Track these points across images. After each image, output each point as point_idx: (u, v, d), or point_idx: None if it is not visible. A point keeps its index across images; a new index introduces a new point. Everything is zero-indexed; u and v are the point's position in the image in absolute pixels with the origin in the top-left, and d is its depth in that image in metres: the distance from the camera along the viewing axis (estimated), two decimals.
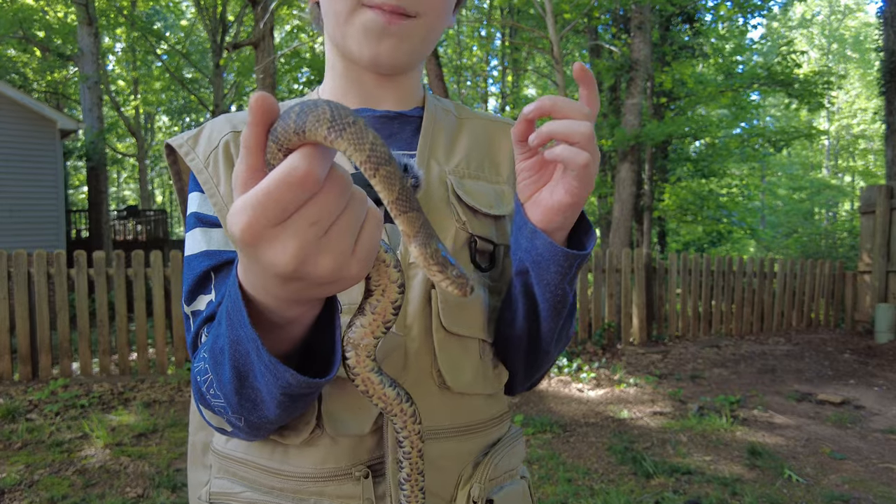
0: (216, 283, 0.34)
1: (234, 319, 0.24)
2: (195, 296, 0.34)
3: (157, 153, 13.51)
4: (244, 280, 0.23)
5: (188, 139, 0.37)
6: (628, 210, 5.04)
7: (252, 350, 0.24)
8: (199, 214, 0.36)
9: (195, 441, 0.39)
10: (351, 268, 0.21)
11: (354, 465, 0.33)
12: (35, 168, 5.45)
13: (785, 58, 6.21)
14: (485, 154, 0.40)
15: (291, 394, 0.25)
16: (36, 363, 2.74)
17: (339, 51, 0.38)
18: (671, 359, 3.40)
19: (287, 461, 0.34)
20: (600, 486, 1.69)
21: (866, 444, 2.06)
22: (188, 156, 0.36)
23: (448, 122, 0.40)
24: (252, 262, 0.21)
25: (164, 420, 2.24)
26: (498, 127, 0.42)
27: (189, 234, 0.36)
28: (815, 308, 4.35)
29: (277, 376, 0.24)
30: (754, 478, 1.75)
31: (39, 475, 1.73)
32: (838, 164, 15.34)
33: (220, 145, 0.36)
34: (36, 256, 2.71)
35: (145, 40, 8.87)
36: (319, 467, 0.33)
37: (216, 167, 0.36)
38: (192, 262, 0.35)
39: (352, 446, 0.33)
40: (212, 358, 0.28)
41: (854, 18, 16.51)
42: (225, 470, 0.36)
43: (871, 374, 3.16)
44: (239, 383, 0.26)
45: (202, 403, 0.31)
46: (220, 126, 0.38)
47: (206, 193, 0.36)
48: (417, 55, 0.37)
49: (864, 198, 4.28)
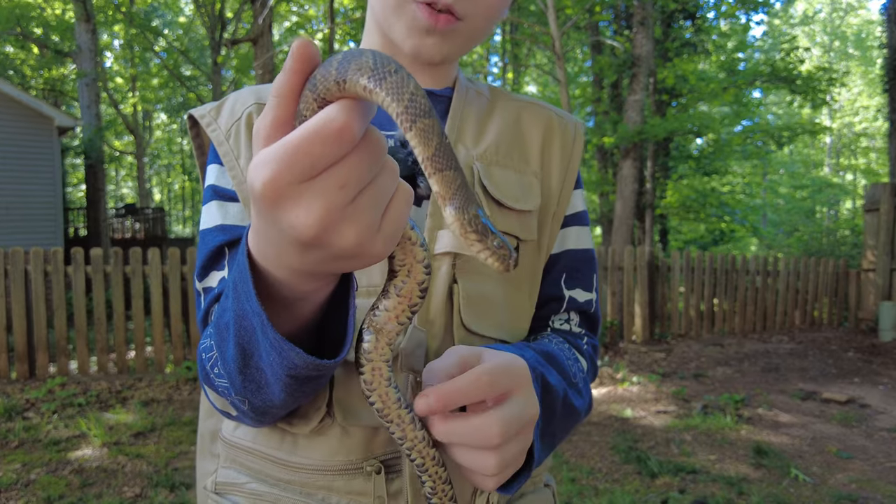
0: (230, 259, 0.33)
1: (241, 292, 0.23)
2: (208, 271, 0.33)
3: (156, 150, 13.45)
4: (255, 247, 0.21)
5: (210, 110, 0.36)
6: (630, 207, 5.02)
7: (258, 325, 0.22)
8: (217, 187, 0.35)
9: (204, 429, 0.37)
10: (375, 243, 0.19)
11: (366, 460, 0.31)
12: (32, 165, 5.42)
13: (788, 54, 6.19)
14: (514, 140, 0.38)
15: (297, 376, 0.23)
16: (33, 361, 2.73)
17: (383, 34, 0.37)
18: (674, 357, 3.39)
19: (295, 452, 0.32)
20: (605, 486, 1.67)
21: (872, 443, 2.04)
22: (209, 126, 0.35)
23: (479, 105, 0.38)
24: (269, 223, 0.19)
25: (163, 419, 2.22)
26: (531, 110, 0.39)
27: (205, 206, 0.35)
28: (819, 306, 4.33)
29: (283, 355, 0.22)
30: (760, 477, 1.74)
31: (36, 474, 1.71)
32: (840, 162, 15.31)
33: (244, 117, 0.35)
34: (33, 254, 2.69)
35: (143, 37, 8.83)
36: (329, 460, 0.31)
37: (237, 139, 0.35)
38: (206, 237, 0.34)
39: (364, 439, 0.31)
40: (217, 334, 0.26)
41: (856, 16, 16.45)
42: (232, 459, 0.35)
43: (876, 372, 3.14)
44: (243, 362, 0.25)
45: (207, 383, 0.29)
46: (244, 97, 0.36)
47: (226, 166, 0.34)
48: (459, 53, 0.36)
49: (869, 195, 4.26)
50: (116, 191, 15.14)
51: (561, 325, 0.39)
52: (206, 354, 0.28)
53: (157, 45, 9.35)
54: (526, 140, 0.38)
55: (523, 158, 0.38)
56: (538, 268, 0.37)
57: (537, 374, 0.29)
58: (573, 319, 0.39)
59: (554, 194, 0.38)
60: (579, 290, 0.39)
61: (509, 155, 0.37)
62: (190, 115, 0.36)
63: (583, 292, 0.39)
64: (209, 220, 0.34)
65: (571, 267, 0.39)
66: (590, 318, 0.40)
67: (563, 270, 0.39)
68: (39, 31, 7.62)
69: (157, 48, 9.31)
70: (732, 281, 3.99)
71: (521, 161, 0.37)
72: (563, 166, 0.38)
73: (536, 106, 0.40)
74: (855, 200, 12.23)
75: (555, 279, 0.38)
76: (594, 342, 0.40)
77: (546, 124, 0.39)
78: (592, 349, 0.39)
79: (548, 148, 0.38)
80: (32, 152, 5.40)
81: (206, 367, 0.28)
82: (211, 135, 0.35)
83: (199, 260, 0.34)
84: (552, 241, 0.38)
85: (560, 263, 0.39)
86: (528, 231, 0.36)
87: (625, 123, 5.15)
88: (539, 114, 0.39)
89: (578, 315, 0.39)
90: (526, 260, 0.36)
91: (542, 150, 0.38)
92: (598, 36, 6.84)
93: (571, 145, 0.39)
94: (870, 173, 12.22)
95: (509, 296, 0.36)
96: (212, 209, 0.34)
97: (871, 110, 13.57)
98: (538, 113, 0.39)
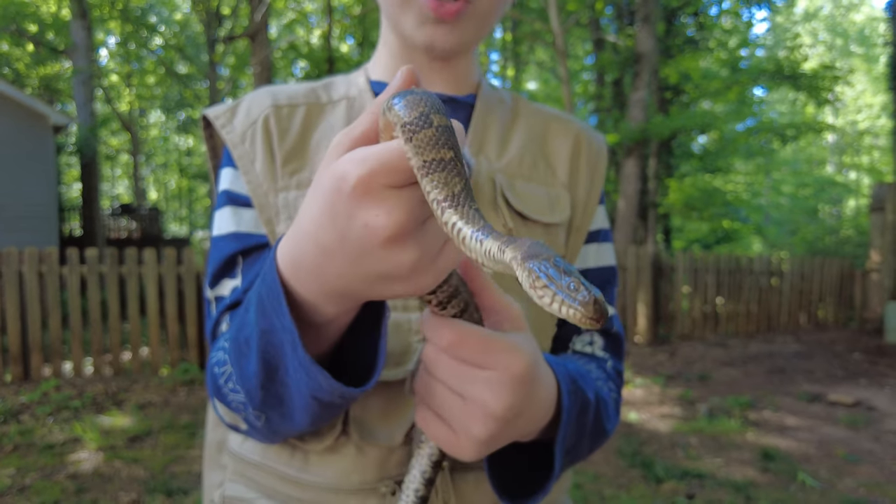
0: (244, 267, 0.32)
1: (269, 307, 0.23)
2: (219, 280, 0.33)
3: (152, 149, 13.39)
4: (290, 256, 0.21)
5: (226, 111, 0.35)
6: (633, 206, 4.97)
7: (287, 342, 0.22)
8: (231, 192, 0.34)
9: (212, 439, 0.37)
10: (428, 272, 0.20)
11: (381, 480, 0.30)
12: (27, 164, 5.38)
13: (792, 51, 6.16)
14: (539, 152, 0.37)
15: (322, 400, 0.23)
16: (27, 363, 2.70)
17: (395, 32, 0.36)
18: (678, 359, 3.36)
19: (307, 469, 0.31)
20: (610, 492, 1.64)
21: (880, 446, 2.02)
22: (224, 128, 0.34)
23: (502, 114, 0.38)
24: (342, 219, 0.19)
25: (159, 422, 2.19)
26: (558, 124, 0.39)
27: (218, 212, 0.34)
28: (824, 307, 4.31)
29: (311, 376, 0.23)
30: (767, 482, 1.71)
31: (31, 479, 1.68)
32: (843, 160, 15.27)
33: (260, 120, 0.34)
34: (27, 254, 2.65)
35: (139, 34, 8.78)
36: (343, 479, 0.30)
37: (253, 143, 0.34)
38: (219, 244, 0.33)
39: (380, 458, 0.30)
40: (235, 348, 0.26)
41: (859, 13, 16.36)
42: (240, 473, 0.34)
43: (882, 373, 3.12)
44: (266, 377, 0.24)
45: (217, 397, 0.29)
46: (260, 99, 0.35)
47: (241, 170, 0.33)
48: (473, 40, 0.35)
49: (874, 195, 4.24)
50: (111, 189, 15.09)
51: (583, 347, 0.37)
52: (220, 368, 0.27)
53: (153, 42, 9.30)
54: (554, 153, 0.37)
55: (551, 171, 0.37)
56: None
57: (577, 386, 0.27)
58: (596, 342, 0.37)
59: (580, 207, 0.37)
60: None
61: (535, 167, 0.36)
62: (204, 116, 0.36)
63: None
64: (222, 227, 0.33)
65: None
66: (613, 339, 0.37)
67: None
68: (35, 28, 7.55)
69: (153, 46, 9.27)
70: (737, 281, 3.95)
71: (548, 173, 0.36)
72: (589, 180, 0.37)
73: (564, 118, 0.39)
74: (858, 199, 12.18)
75: None
76: (619, 367, 0.37)
77: (575, 138, 0.38)
78: (617, 374, 0.36)
79: (576, 161, 0.37)
80: (27, 151, 5.35)
81: (219, 381, 0.27)
82: (226, 137, 0.34)
83: (210, 267, 0.33)
84: (575, 255, 0.37)
85: None
86: (556, 245, 0.35)
87: (627, 121, 5.11)
88: (567, 127, 0.38)
89: (602, 338, 0.37)
90: None
91: (570, 163, 0.37)
92: (600, 32, 6.78)
93: (596, 160, 0.38)
94: (873, 171, 12.18)
95: (535, 314, 0.34)
96: (225, 215, 0.33)
97: (875, 108, 13.55)
98: (567, 126, 0.38)
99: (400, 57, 0.37)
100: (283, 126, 0.34)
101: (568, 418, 0.26)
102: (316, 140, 0.34)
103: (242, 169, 0.33)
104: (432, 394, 0.23)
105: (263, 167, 0.33)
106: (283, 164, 0.33)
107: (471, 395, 0.22)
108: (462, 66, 0.37)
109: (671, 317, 3.77)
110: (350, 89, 0.36)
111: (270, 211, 0.32)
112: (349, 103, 0.35)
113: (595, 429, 0.30)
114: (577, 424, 0.27)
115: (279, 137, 0.33)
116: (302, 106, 0.35)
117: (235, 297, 0.31)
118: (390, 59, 0.37)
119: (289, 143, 0.33)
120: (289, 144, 0.33)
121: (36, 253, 2.67)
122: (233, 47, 8.41)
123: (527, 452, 0.28)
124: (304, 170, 0.33)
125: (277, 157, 0.33)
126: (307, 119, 0.34)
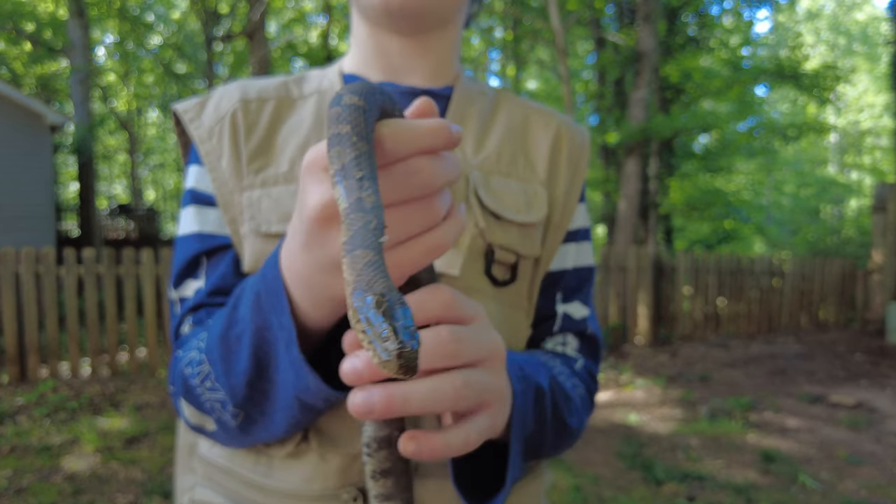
0: (207, 268, 0.31)
1: (267, 305, 0.23)
2: (183, 280, 0.32)
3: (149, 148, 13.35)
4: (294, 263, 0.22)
5: (195, 105, 0.34)
6: (634, 206, 4.96)
7: (282, 340, 0.23)
8: (196, 191, 0.33)
9: (183, 442, 0.36)
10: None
11: (343, 487, 0.29)
12: (24, 164, 5.35)
13: (793, 51, 6.18)
14: (519, 147, 0.35)
15: (305, 401, 0.24)
16: (24, 365, 2.68)
17: (359, 12, 0.34)
18: (679, 359, 3.35)
19: (271, 474, 0.31)
20: (610, 494, 1.63)
21: (882, 448, 2.01)
22: (192, 122, 0.33)
23: (482, 107, 0.35)
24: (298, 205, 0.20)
25: (156, 424, 2.18)
26: (539, 116, 0.37)
27: (183, 210, 0.33)
28: (825, 307, 4.30)
29: (299, 376, 0.23)
30: (769, 483, 1.71)
31: (28, 481, 1.67)
32: (845, 160, 15.25)
33: (228, 116, 0.33)
34: (24, 254, 2.64)
35: (136, 33, 8.76)
36: (305, 486, 0.30)
37: (220, 139, 0.33)
38: (182, 244, 0.33)
39: (342, 465, 0.30)
40: (221, 346, 0.25)
41: (861, 11, 16.31)
42: (209, 478, 0.33)
43: (884, 374, 3.10)
44: (257, 374, 0.24)
45: (187, 398, 0.28)
46: (230, 93, 0.34)
47: (207, 167, 0.32)
48: (434, 2, 0.32)
49: (877, 195, 4.22)
50: (108, 190, 15.11)
51: (554, 346, 0.36)
52: (193, 368, 0.26)
53: (151, 40, 9.30)
54: (533, 147, 0.36)
55: (529, 166, 0.35)
56: (537, 283, 0.35)
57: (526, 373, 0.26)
58: (570, 343, 0.36)
59: (559, 205, 0.35)
60: (577, 303, 0.36)
61: (513, 162, 0.34)
62: (174, 111, 0.34)
63: (581, 307, 0.36)
64: (186, 227, 0.32)
65: (568, 286, 0.37)
66: (588, 340, 0.36)
67: (560, 288, 0.36)
68: (32, 26, 7.53)
69: (150, 44, 9.27)
70: (738, 282, 3.94)
71: (527, 169, 0.35)
72: (569, 177, 0.36)
73: (545, 112, 0.37)
74: (860, 199, 12.17)
75: (549, 297, 0.36)
76: (591, 367, 0.35)
77: (556, 131, 0.36)
78: (588, 374, 0.35)
79: (556, 156, 0.36)
80: (24, 150, 5.34)
81: (191, 381, 0.27)
82: (193, 133, 0.33)
83: (174, 268, 0.32)
84: (552, 254, 0.35)
85: (557, 282, 0.36)
86: (531, 245, 0.33)
87: (628, 121, 5.09)
88: (549, 120, 0.36)
89: (577, 339, 0.36)
90: (526, 277, 0.34)
91: (550, 158, 0.35)
92: (600, 31, 6.75)
93: (578, 155, 0.37)
94: (875, 172, 12.16)
95: (506, 315, 0.33)
96: (189, 214, 0.32)
97: (878, 108, 13.51)
98: (547, 119, 0.37)
99: (369, 48, 0.34)
100: (251, 121, 0.32)
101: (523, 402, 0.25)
102: (283, 136, 0.32)
103: (209, 166, 0.32)
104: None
105: (229, 165, 0.32)
106: (248, 161, 0.32)
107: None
108: (437, 55, 0.35)
109: (672, 317, 3.77)
110: (322, 82, 0.35)
111: (235, 210, 0.31)
112: (320, 97, 0.34)
113: (556, 420, 0.29)
114: (533, 411, 0.26)
115: (246, 134, 0.32)
116: (272, 100, 0.33)
117: (199, 298, 0.31)
118: (358, 49, 0.35)
119: (255, 139, 0.32)
120: (255, 141, 0.32)
121: (33, 253, 2.66)
122: (231, 46, 8.39)
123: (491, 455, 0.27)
124: (269, 167, 0.32)
125: (243, 155, 0.32)
126: (276, 114, 0.33)
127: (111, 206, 9.81)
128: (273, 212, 0.30)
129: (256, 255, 0.30)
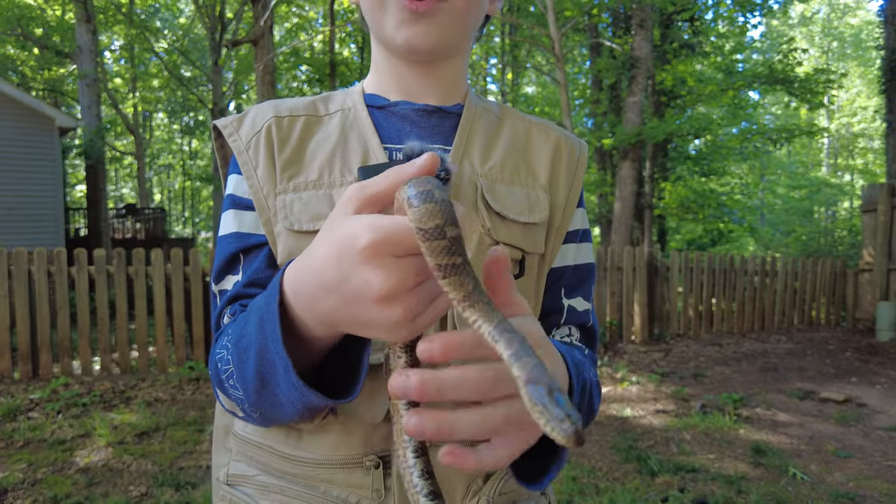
0: (244, 264, 0.35)
1: (267, 331, 0.25)
2: (223, 275, 0.36)
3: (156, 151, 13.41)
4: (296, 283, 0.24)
5: (233, 121, 0.38)
6: (629, 208, 5.02)
7: (280, 367, 0.25)
8: (235, 197, 0.37)
9: (219, 424, 0.40)
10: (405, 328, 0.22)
11: (366, 454, 0.33)
12: (34, 166, 5.41)
13: (786, 56, 6.19)
14: (521, 158, 0.39)
15: (312, 408, 0.26)
16: (36, 362, 2.73)
17: (379, 42, 0.38)
18: (673, 357, 3.40)
19: (300, 446, 0.34)
20: (605, 485, 1.68)
21: (870, 442, 2.05)
22: (231, 136, 0.37)
23: (487, 122, 0.40)
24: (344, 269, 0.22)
25: (166, 418, 2.22)
26: (539, 130, 0.41)
27: (224, 214, 0.37)
28: (817, 306, 4.33)
29: (303, 395, 0.25)
30: (759, 476, 1.74)
31: (42, 474, 1.71)
32: (838, 162, 15.32)
33: (263, 129, 0.37)
34: (37, 254, 2.69)
35: (143, 38, 8.82)
36: (331, 454, 0.33)
37: (256, 150, 0.36)
38: (222, 243, 0.36)
39: (364, 434, 0.33)
40: (236, 352, 0.28)
41: (854, 16, 16.48)
42: (242, 453, 0.37)
43: (873, 371, 3.15)
44: (261, 385, 0.27)
45: (220, 389, 0.31)
46: (264, 111, 0.38)
47: (244, 175, 0.36)
48: (452, 38, 0.36)
49: (866, 196, 4.27)
50: (116, 191, 15.15)
51: (561, 338, 0.40)
52: (223, 365, 0.29)
53: (157, 46, 9.36)
54: (535, 157, 0.39)
55: (531, 174, 0.39)
56: (542, 279, 0.38)
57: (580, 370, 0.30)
58: (574, 334, 0.40)
59: (559, 210, 0.39)
60: (579, 298, 0.40)
61: (516, 171, 0.38)
62: (214, 126, 0.38)
63: (583, 301, 0.40)
64: (226, 227, 0.36)
65: (570, 282, 0.40)
66: (588, 332, 0.40)
67: (563, 284, 0.40)
68: (40, 31, 7.62)
69: (157, 49, 9.31)
70: (731, 281, 3.99)
71: (529, 177, 0.39)
72: (568, 184, 0.40)
73: (545, 126, 0.42)
74: (853, 201, 12.20)
75: (555, 293, 0.39)
76: (593, 356, 0.41)
77: (555, 143, 0.40)
78: (592, 363, 0.40)
79: (556, 166, 0.40)
80: (34, 153, 5.40)
81: (221, 375, 0.30)
82: (232, 145, 0.37)
83: (215, 264, 0.36)
84: (554, 253, 0.39)
85: (560, 277, 0.40)
86: (535, 244, 0.37)
87: (624, 125, 5.16)
88: (548, 133, 0.41)
89: (579, 330, 0.40)
90: (532, 272, 0.37)
91: (550, 167, 0.39)
92: (597, 38, 6.83)
93: (576, 164, 0.41)
94: (867, 174, 12.25)
95: None
96: (229, 217, 0.37)
97: (870, 111, 13.55)
98: (547, 133, 0.41)
99: (387, 71, 0.38)
100: (284, 135, 0.36)
101: (580, 399, 0.29)
102: (312, 148, 0.37)
103: (246, 174, 0.35)
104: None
105: (264, 173, 0.35)
106: (282, 170, 0.36)
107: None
108: (449, 76, 0.38)
109: (666, 316, 3.82)
110: (346, 101, 0.39)
111: (269, 212, 0.35)
112: (343, 115, 0.38)
113: (589, 407, 0.33)
114: (579, 400, 0.29)
115: (279, 146, 0.36)
116: (301, 117, 0.38)
117: (237, 290, 0.34)
118: (376, 73, 0.39)
119: (288, 150, 0.36)
120: (288, 152, 0.36)
121: (45, 253, 2.72)
122: (236, 52, 8.44)
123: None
124: (300, 175, 0.36)
125: (277, 164, 0.36)
126: (305, 129, 0.37)
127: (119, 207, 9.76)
128: (304, 213, 0.34)
129: (289, 250, 0.34)
